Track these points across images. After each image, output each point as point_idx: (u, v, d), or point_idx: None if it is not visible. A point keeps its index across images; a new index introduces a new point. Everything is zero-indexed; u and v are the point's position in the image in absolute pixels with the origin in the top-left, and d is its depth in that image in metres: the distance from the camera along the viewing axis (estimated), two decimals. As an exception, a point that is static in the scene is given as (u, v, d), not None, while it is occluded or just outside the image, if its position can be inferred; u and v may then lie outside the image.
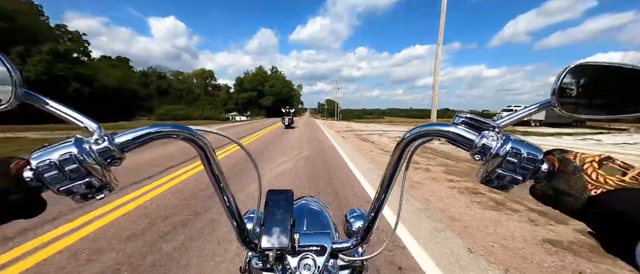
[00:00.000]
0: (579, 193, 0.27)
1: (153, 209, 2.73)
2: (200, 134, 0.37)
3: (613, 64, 0.34)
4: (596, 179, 0.26)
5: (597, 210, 0.26)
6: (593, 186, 0.26)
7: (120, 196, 3.05)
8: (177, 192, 3.33)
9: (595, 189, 0.26)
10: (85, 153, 0.29)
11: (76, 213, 2.52)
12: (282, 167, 4.95)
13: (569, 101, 0.35)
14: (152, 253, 1.90)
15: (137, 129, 0.33)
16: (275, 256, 0.44)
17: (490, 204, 2.97)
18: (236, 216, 0.47)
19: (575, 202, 0.27)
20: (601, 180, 0.26)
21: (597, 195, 0.26)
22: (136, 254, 1.88)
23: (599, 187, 0.26)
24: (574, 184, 0.27)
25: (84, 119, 0.32)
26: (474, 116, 0.35)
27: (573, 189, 0.27)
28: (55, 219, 2.40)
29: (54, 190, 0.29)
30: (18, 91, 0.30)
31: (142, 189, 3.35)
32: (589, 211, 0.26)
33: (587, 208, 0.26)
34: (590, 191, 0.26)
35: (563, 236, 2.22)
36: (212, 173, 0.42)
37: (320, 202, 0.87)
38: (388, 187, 0.44)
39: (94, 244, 2.00)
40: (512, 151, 0.30)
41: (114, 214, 2.56)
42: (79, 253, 1.89)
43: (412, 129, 0.36)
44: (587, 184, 0.27)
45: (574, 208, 0.27)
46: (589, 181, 0.27)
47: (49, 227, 2.24)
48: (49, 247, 1.96)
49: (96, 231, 2.21)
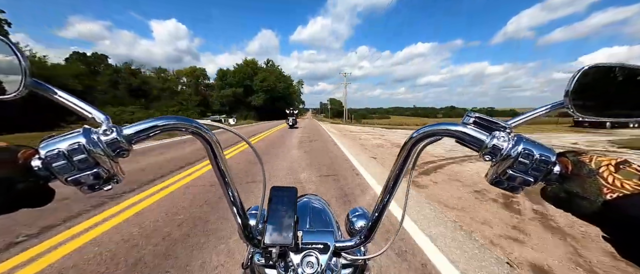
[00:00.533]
0: (594, 197, 0.26)
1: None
2: (207, 128, 0.37)
3: (627, 65, 0.33)
4: (612, 183, 0.26)
5: (613, 215, 0.25)
6: (609, 190, 0.25)
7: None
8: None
9: (611, 193, 0.25)
10: (94, 144, 0.29)
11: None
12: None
13: (582, 103, 0.34)
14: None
15: (145, 121, 0.33)
16: (278, 253, 0.44)
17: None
18: (240, 212, 0.47)
19: (590, 206, 0.26)
20: (618, 184, 0.25)
21: (613, 199, 0.25)
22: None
23: (615, 191, 0.25)
24: (588, 187, 0.27)
25: (92, 110, 0.33)
26: (484, 115, 0.35)
27: (587, 192, 0.27)
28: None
29: (62, 180, 0.29)
30: (27, 79, 0.30)
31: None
32: (604, 216, 0.25)
33: (602, 213, 0.25)
34: (606, 195, 0.25)
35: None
36: (218, 167, 0.42)
37: (323, 200, 0.87)
38: (394, 187, 0.44)
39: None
40: (524, 152, 0.30)
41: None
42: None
43: (420, 128, 0.36)
44: (602, 187, 0.26)
45: (588, 212, 0.27)
46: (605, 185, 0.26)
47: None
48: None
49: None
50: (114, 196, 3.08)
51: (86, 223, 2.41)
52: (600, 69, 0.34)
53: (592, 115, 0.34)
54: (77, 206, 2.74)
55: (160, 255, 1.90)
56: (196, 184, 3.74)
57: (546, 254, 1.96)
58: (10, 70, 0.30)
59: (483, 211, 2.82)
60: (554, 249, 2.03)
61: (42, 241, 2.08)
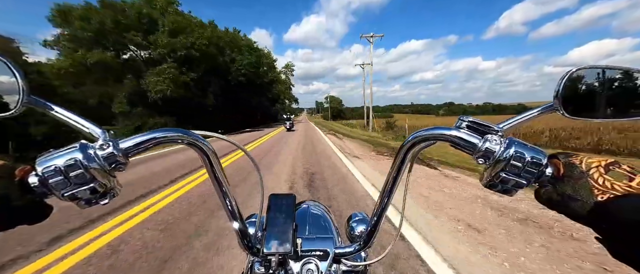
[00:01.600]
0: (586, 198, 0.26)
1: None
2: (203, 139, 0.37)
3: (615, 67, 0.34)
4: (603, 184, 0.26)
5: (604, 215, 0.25)
6: (599, 192, 0.26)
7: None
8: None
9: (602, 195, 0.26)
10: (90, 159, 0.29)
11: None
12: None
13: (572, 104, 0.35)
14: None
15: (142, 134, 0.33)
16: (277, 261, 0.43)
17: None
18: (238, 221, 0.47)
19: (582, 207, 0.27)
20: (608, 185, 0.26)
21: (603, 201, 0.25)
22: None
23: (606, 192, 0.26)
24: (579, 188, 0.27)
25: (89, 124, 0.33)
26: (476, 119, 0.35)
27: (579, 194, 0.27)
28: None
29: (59, 196, 0.29)
30: (24, 97, 0.30)
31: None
32: (597, 216, 0.26)
33: (594, 213, 0.26)
34: (597, 197, 0.26)
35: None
36: (215, 177, 0.42)
37: (323, 206, 0.87)
38: (391, 192, 0.44)
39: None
40: (515, 155, 0.30)
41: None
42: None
43: (414, 133, 0.37)
44: (593, 189, 0.26)
45: (580, 213, 0.27)
46: (595, 186, 0.26)
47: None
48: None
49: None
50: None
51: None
52: (589, 71, 0.35)
53: (581, 116, 0.35)
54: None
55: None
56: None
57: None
58: (7, 88, 0.31)
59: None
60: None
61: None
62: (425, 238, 2.20)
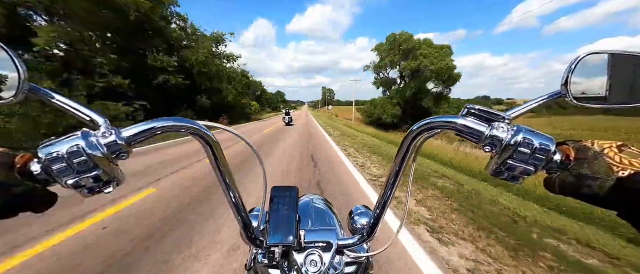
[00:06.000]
0: (605, 176, 0.26)
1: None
2: (206, 129, 0.37)
3: (624, 52, 0.33)
4: (621, 162, 0.25)
5: (630, 190, 0.24)
6: (619, 168, 0.25)
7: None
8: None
9: (623, 171, 0.25)
10: (93, 146, 0.29)
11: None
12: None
13: (580, 91, 0.34)
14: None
15: (145, 123, 0.33)
16: (281, 253, 0.43)
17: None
18: (242, 213, 0.47)
19: (603, 185, 0.26)
20: (626, 162, 0.25)
21: (626, 176, 0.24)
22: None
23: (626, 168, 0.25)
24: (597, 167, 0.26)
25: (91, 112, 0.32)
26: (482, 107, 0.35)
27: (597, 172, 0.26)
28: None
29: (62, 183, 0.29)
30: (24, 85, 0.30)
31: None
32: (622, 192, 0.25)
33: (616, 190, 0.25)
34: (617, 173, 0.25)
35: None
36: (218, 168, 0.42)
37: (325, 199, 0.87)
38: (394, 183, 0.44)
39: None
40: (523, 142, 0.30)
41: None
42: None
43: (419, 122, 0.36)
44: (611, 166, 0.26)
45: (600, 193, 0.26)
46: (613, 163, 0.26)
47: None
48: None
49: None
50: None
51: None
52: (597, 57, 0.34)
53: (589, 103, 0.34)
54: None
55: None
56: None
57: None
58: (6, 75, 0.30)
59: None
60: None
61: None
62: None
